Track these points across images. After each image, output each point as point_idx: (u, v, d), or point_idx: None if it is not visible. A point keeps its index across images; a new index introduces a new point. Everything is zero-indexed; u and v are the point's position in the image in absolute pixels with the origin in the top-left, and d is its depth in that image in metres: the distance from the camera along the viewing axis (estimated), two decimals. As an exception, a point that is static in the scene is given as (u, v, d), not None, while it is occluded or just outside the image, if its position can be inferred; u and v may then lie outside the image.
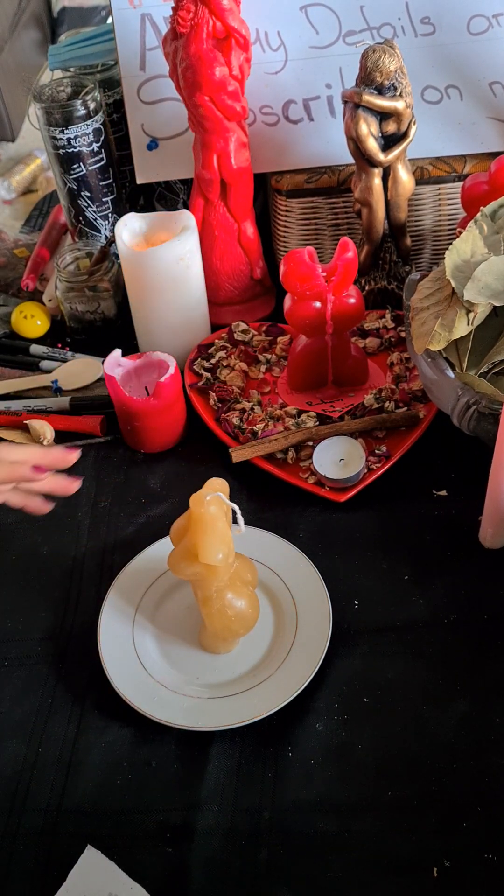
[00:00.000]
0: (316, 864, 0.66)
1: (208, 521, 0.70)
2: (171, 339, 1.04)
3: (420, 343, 0.84)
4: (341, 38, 1.08)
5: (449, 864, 0.65)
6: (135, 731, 0.75)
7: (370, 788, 0.70)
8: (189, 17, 0.95)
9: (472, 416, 0.82)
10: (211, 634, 0.77)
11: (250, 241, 1.10)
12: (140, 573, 0.84)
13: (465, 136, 1.08)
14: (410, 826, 0.67)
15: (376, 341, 1.04)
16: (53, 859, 0.68)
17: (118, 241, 1.00)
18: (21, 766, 0.73)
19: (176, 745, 0.73)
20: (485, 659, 0.77)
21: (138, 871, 0.66)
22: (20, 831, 0.70)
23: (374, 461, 0.92)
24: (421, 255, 1.14)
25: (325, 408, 0.98)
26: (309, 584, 0.82)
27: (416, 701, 0.75)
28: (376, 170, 1.00)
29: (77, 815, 0.70)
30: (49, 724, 0.76)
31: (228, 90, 0.98)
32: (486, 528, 0.84)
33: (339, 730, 0.73)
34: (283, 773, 0.71)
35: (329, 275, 0.92)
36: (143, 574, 0.84)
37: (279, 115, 1.09)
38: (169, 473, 0.97)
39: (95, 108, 1.09)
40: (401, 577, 0.84)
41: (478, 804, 0.68)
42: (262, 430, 0.95)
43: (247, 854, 0.67)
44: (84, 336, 1.14)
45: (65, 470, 0.97)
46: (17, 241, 1.34)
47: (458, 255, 0.84)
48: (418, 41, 1.07)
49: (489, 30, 1.07)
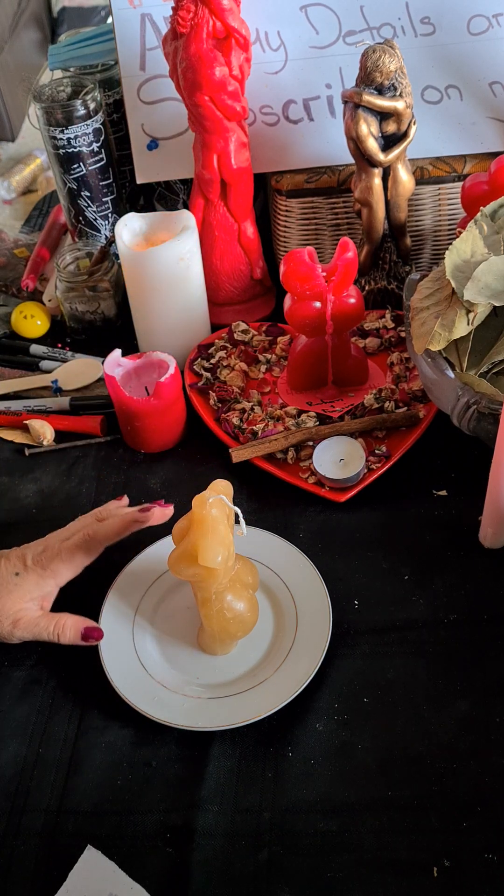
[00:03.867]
0: (316, 865, 0.66)
1: (209, 523, 0.70)
2: (171, 339, 1.04)
3: (420, 343, 0.84)
4: (341, 38, 1.08)
5: (449, 864, 0.65)
6: (135, 731, 0.75)
7: (370, 788, 0.70)
8: (189, 17, 0.95)
9: (472, 416, 0.82)
10: (209, 636, 0.77)
11: (250, 241, 1.10)
12: (140, 573, 0.84)
13: (464, 136, 1.08)
14: (411, 826, 0.67)
15: (376, 341, 1.04)
16: (53, 859, 0.68)
17: (118, 241, 1.00)
18: (21, 767, 0.73)
19: (176, 745, 0.73)
20: (485, 659, 0.77)
21: (138, 872, 0.66)
22: (20, 831, 0.70)
23: (374, 461, 0.92)
24: (421, 255, 1.14)
25: (325, 408, 0.98)
26: (309, 584, 0.82)
27: (417, 701, 0.75)
28: (376, 170, 1.00)
29: (77, 816, 0.70)
30: (49, 724, 0.76)
31: (228, 90, 0.98)
32: (486, 528, 0.84)
33: (340, 730, 0.73)
34: (284, 773, 0.71)
35: (329, 275, 0.92)
36: (143, 574, 0.84)
37: (279, 115, 1.09)
38: (169, 473, 0.97)
39: (95, 108, 1.09)
40: (401, 577, 0.84)
41: (478, 804, 0.68)
42: (262, 430, 0.95)
43: (247, 854, 0.67)
44: (84, 336, 1.14)
45: (67, 470, 0.98)
46: (17, 241, 1.34)
47: (458, 255, 0.84)
48: (418, 41, 1.07)
49: (489, 30, 1.07)
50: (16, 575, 0.79)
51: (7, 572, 0.79)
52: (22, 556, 0.80)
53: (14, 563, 0.79)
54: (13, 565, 0.79)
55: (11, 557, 0.80)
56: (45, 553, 0.80)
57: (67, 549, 0.80)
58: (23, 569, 0.79)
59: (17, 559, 0.80)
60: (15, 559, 0.80)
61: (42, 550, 0.80)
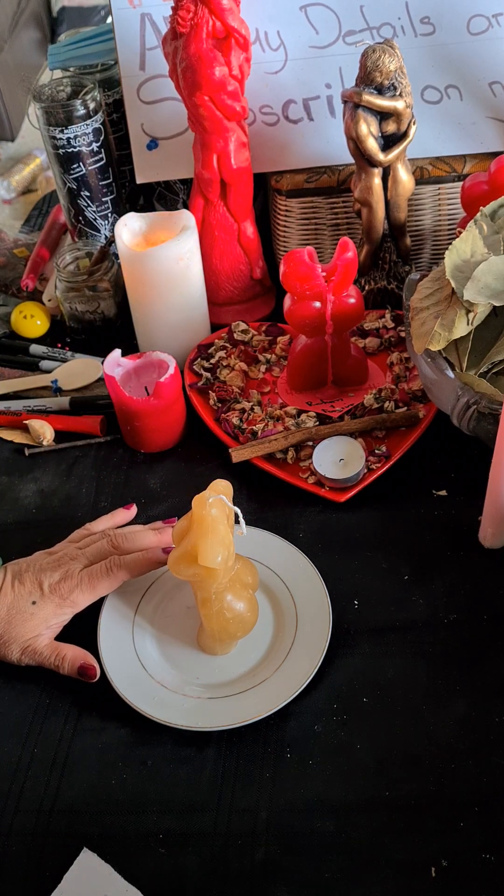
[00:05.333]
0: (313, 865, 0.66)
1: (209, 523, 0.70)
2: (171, 339, 1.04)
3: (420, 343, 0.84)
4: (341, 38, 1.08)
5: (447, 865, 0.65)
6: (132, 731, 0.74)
7: (369, 788, 0.70)
8: (189, 17, 0.95)
9: (471, 416, 0.82)
10: (208, 636, 0.77)
11: (250, 240, 1.10)
12: (140, 573, 0.84)
13: (464, 136, 1.08)
14: (409, 826, 0.67)
15: (376, 341, 1.04)
16: (47, 861, 0.68)
17: (118, 241, 1.00)
18: (15, 767, 0.73)
19: (173, 744, 0.73)
20: (485, 659, 0.77)
21: (134, 873, 0.66)
22: (13, 832, 0.69)
23: (374, 461, 0.92)
24: (421, 255, 1.14)
25: (325, 408, 0.98)
26: (309, 584, 0.82)
27: (416, 701, 0.75)
28: (376, 170, 1.00)
29: (71, 816, 0.70)
30: (45, 724, 0.76)
31: (228, 90, 0.98)
32: (486, 528, 0.84)
33: (338, 730, 0.73)
34: (281, 773, 0.71)
35: (329, 275, 0.92)
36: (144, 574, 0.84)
37: (279, 115, 1.09)
38: (169, 473, 0.97)
39: (95, 107, 1.09)
40: (401, 577, 0.84)
41: (476, 804, 0.68)
42: (261, 430, 0.95)
43: (244, 855, 0.67)
44: (84, 336, 1.14)
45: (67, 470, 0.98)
46: (17, 241, 1.34)
47: (458, 255, 0.84)
48: (418, 41, 1.07)
49: (489, 30, 1.07)
50: (33, 603, 0.77)
51: (23, 599, 0.77)
52: (38, 581, 0.78)
53: (30, 588, 0.78)
54: (28, 591, 0.77)
55: (26, 581, 0.78)
56: (64, 582, 0.78)
57: (89, 581, 0.78)
58: (40, 596, 0.77)
59: (32, 584, 0.78)
60: (30, 584, 0.78)
61: (60, 578, 0.78)
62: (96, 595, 0.79)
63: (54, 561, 0.80)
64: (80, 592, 0.78)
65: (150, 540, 0.82)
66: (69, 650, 0.77)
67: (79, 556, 0.81)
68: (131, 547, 0.81)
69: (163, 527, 0.84)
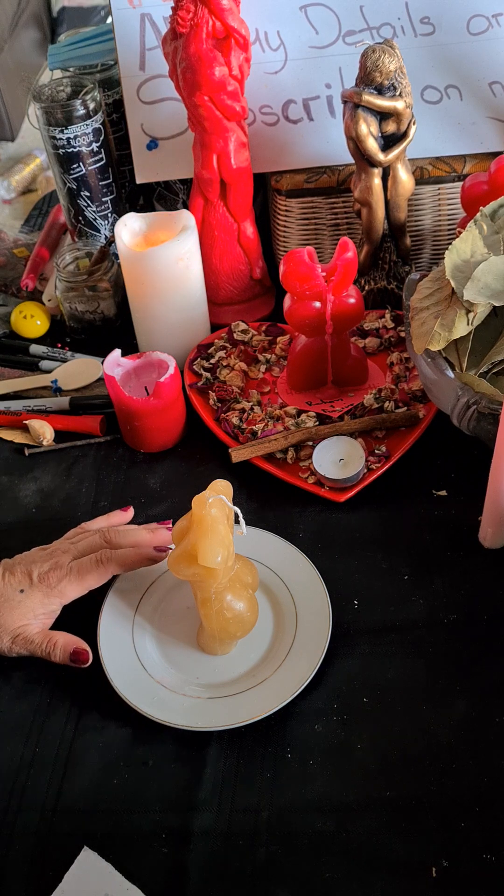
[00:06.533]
0: (314, 865, 0.66)
1: (209, 523, 0.70)
2: (171, 339, 1.04)
3: (420, 343, 0.84)
4: (341, 38, 1.08)
5: (447, 865, 0.65)
6: (133, 730, 0.74)
7: (369, 788, 0.70)
8: (189, 17, 0.95)
9: (471, 416, 0.82)
10: (208, 636, 0.77)
11: (250, 240, 1.10)
12: (140, 573, 0.84)
13: (464, 136, 1.08)
14: (409, 826, 0.67)
15: (376, 341, 1.04)
16: (49, 860, 0.68)
17: (118, 241, 1.00)
18: (18, 766, 0.73)
19: (174, 744, 0.73)
20: (485, 659, 0.77)
21: (135, 873, 0.66)
22: (15, 831, 0.69)
23: (374, 461, 0.92)
24: (421, 255, 1.14)
25: (325, 408, 0.98)
26: (309, 584, 0.82)
27: (416, 701, 0.75)
28: (376, 170, 1.00)
29: (73, 815, 0.70)
30: (47, 723, 0.76)
31: (228, 90, 0.98)
32: (486, 528, 0.84)
33: (339, 730, 0.73)
34: (282, 772, 0.71)
35: (329, 275, 0.92)
36: (144, 574, 0.84)
37: (279, 115, 1.09)
38: (168, 473, 0.97)
39: (95, 107, 1.09)
40: (401, 577, 0.84)
41: (476, 804, 0.68)
42: (261, 430, 0.95)
43: (244, 854, 0.67)
44: (84, 336, 1.14)
45: (67, 470, 0.98)
46: (17, 241, 1.34)
47: (458, 255, 0.84)
48: (418, 41, 1.07)
49: (489, 30, 1.07)
50: (20, 591, 0.78)
51: (12, 588, 0.78)
52: (28, 571, 0.79)
53: (19, 578, 0.78)
54: (18, 581, 0.78)
55: (16, 572, 0.79)
56: (53, 572, 0.78)
57: (77, 571, 0.79)
58: (28, 585, 0.78)
59: (22, 574, 0.78)
60: (20, 574, 0.78)
61: (50, 569, 0.79)
62: (84, 586, 0.79)
63: (46, 554, 0.81)
64: (67, 583, 0.78)
65: (143, 537, 0.82)
66: (60, 637, 0.78)
67: (70, 549, 0.81)
68: (123, 542, 0.82)
69: (157, 527, 0.84)
